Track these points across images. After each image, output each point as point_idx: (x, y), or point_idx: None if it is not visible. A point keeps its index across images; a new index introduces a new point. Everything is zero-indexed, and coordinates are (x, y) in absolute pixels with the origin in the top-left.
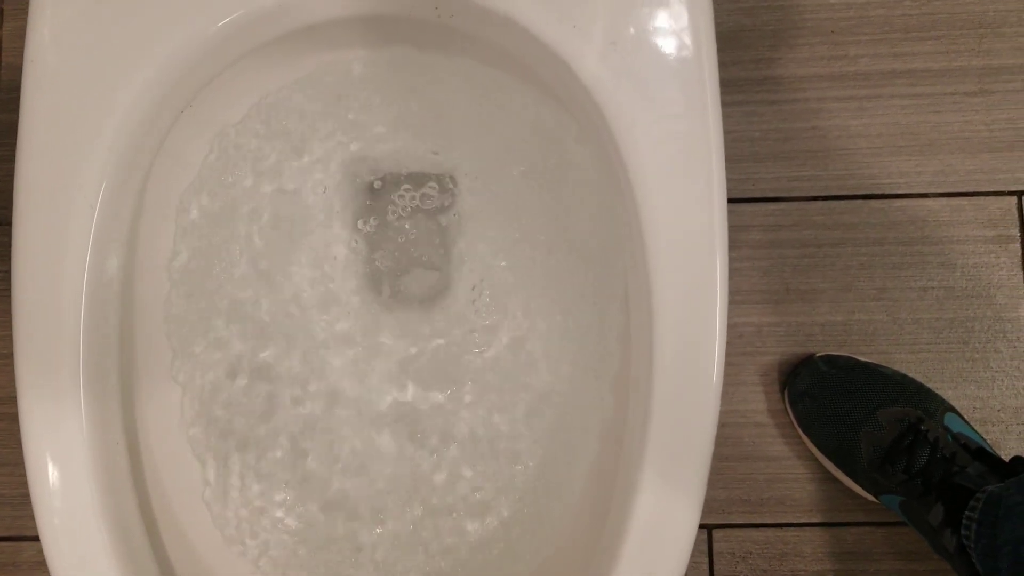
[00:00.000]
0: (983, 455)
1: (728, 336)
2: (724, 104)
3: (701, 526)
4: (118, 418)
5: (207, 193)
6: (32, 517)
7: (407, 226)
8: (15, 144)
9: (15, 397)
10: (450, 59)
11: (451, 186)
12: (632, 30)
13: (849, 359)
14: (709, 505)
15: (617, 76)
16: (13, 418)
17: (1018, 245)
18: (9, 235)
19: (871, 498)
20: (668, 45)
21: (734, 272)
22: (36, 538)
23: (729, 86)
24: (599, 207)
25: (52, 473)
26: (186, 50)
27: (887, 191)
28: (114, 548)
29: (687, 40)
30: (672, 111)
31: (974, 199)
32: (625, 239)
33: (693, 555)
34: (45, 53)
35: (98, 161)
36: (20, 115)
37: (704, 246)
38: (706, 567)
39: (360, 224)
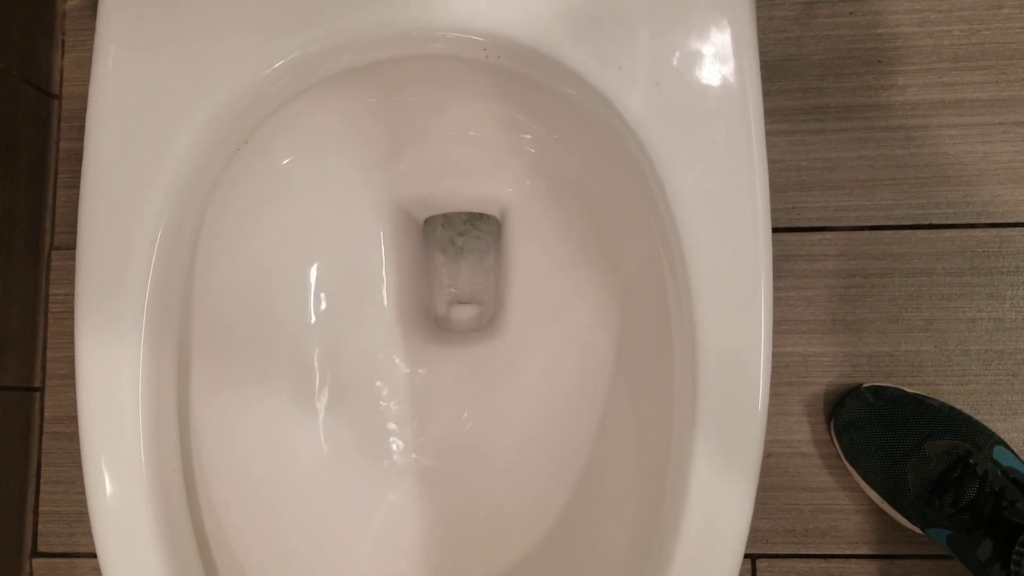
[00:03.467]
0: None
1: (774, 366)
2: (770, 133)
3: (745, 556)
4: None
5: (261, 223)
6: (86, 534)
7: (456, 262)
8: (76, 171)
9: (70, 417)
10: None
11: (502, 222)
12: (676, 69)
13: (896, 390)
14: (753, 535)
15: (661, 115)
16: (68, 437)
17: None
18: (73, 259)
19: (918, 531)
20: (712, 82)
21: (780, 302)
22: (91, 555)
23: (775, 115)
24: (646, 247)
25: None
26: (242, 89)
27: (935, 221)
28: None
29: (731, 77)
30: (716, 149)
31: (1023, 229)
32: (669, 274)
33: None
34: (108, 90)
35: (158, 196)
36: (84, 149)
37: (749, 280)
38: None
39: (408, 258)
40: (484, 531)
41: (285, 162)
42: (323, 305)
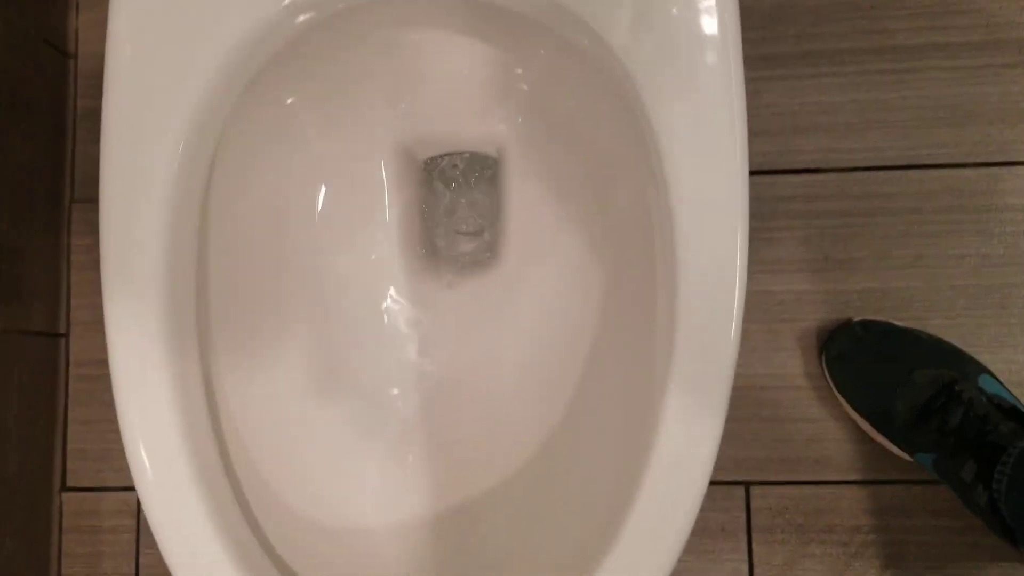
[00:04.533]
0: (1016, 414)
1: (767, 303)
2: (765, 78)
3: (739, 483)
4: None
5: (270, 159)
6: (112, 470)
7: (456, 197)
8: (93, 128)
9: (95, 361)
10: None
11: (498, 160)
12: (659, 2)
13: (885, 323)
14: (747, 464)
15: (645, 46)
16: (93, 380)
17: None
18: (93, 212)
19: (906, 457)
20: (693, 14)
21: (774, 242)
22: (117, 488)
23: (770, 61)
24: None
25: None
26: (250, 31)
27: (925, 162)
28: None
29: (712, 8)
30: (697, 78)
31: (1012, 168)
32: (654, 204)
33: (731, 510)
34: (124, 35)
35: (173, 138)
36: (104, 100)
37: (728, 209)
38: (744, 521)
39: (410, 195)
40: (483, 446)
41: (289, 101)
42: (330, 235)
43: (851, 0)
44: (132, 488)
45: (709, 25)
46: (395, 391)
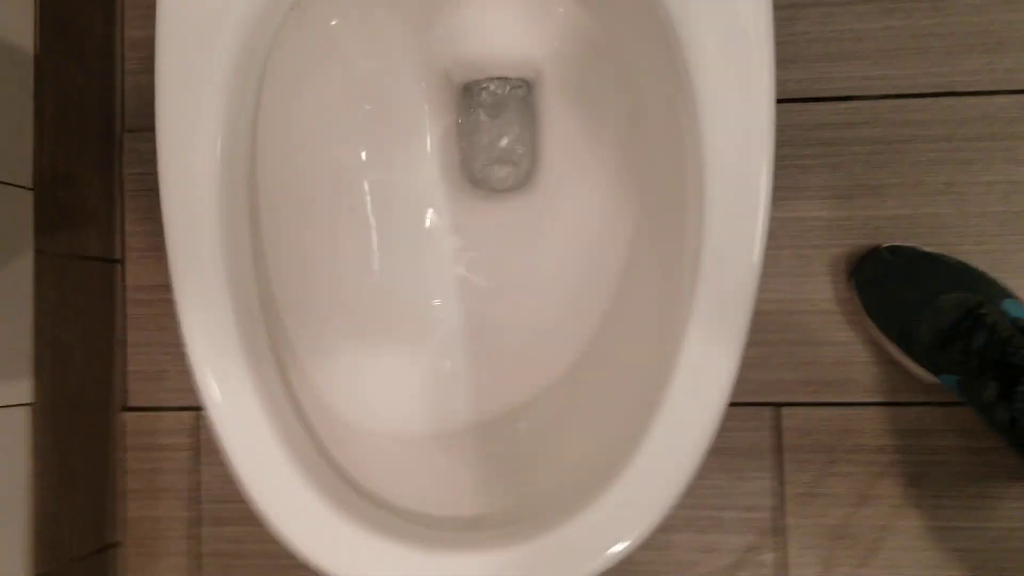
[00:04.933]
0: None
1: (799, 229)
2: (799, 5)
3: (770, 404)
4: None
5: (315, 80)
6: (168, 390)
7: (493, 123)
8: (142, 57)
9: (150, 286)
10: None
11: (535, 85)
12: None
13: (913, 249)
14: (777, 386)
15: None
16: (148, 304)
17: None
18: (144, 141)
19: (932, 379)
20: None
21: (806, 169)
22: (173, 408)
23: None
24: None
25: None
26: None
27: (958, 89)
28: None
29: None
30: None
31: None
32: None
33: (761, 430)
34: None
35: (222, 61)
36: (156, 26)
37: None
38: (773, 441)
39: (448, 118)
40: (521, 354)
41: (333, 23)
42: (374, 157)
43: None
44: (188, 408)
45: None
46: (437, 302)
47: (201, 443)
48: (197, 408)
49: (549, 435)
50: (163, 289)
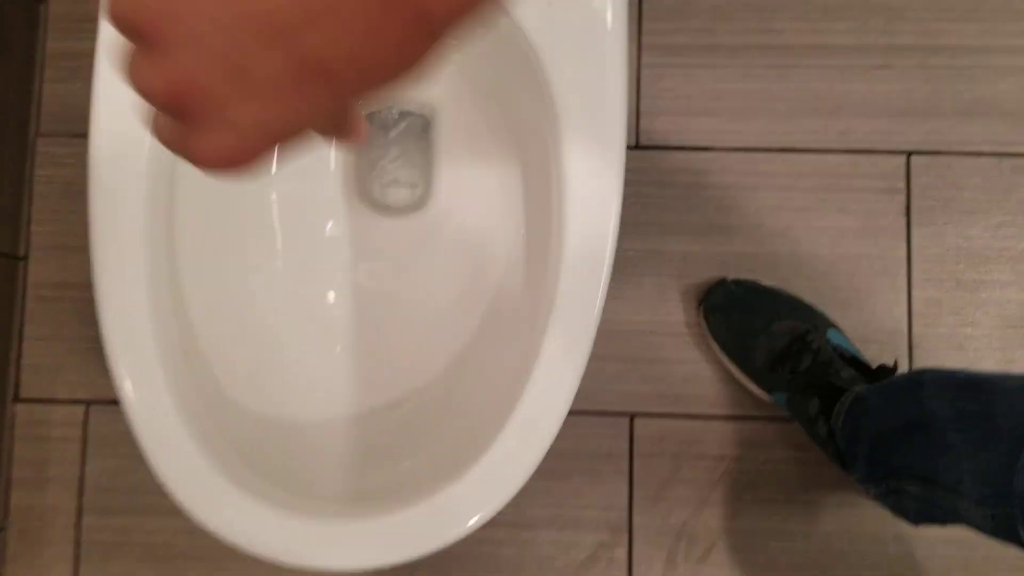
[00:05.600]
0: (855, 363)
1: (657, 261)
2: (666, 65)
3: (624, 414)
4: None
5: None
6: (63, 383)
7: (393, 150)
8: (62, 67)
9: (52, 283)
10: None
11: (431, 118)
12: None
13: (754, 282)
14: (633, 397)
15: (550, 28)
16: (49, 300)
17: (903, 196)
18: (55, 146)
19: (766, 398)
20: (590, 11)
21: (667, 207)
22: (66, 401)
23: (672, 50)
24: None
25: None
26: None
27: (798, 146)
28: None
29: (606, 9)
30: (592, 57)
31: (870, 156)
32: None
33: (617, 437)
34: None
35: None
36: (99, 43)
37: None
38: (627, 448)
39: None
40: (405, 351)
41: None
42: (282, 170)
43: (746, 2)
44: (80, 401)
45: (604, 16)
46: (333, 301)
47: (89, 436)
48: (89, 402)
49: (424, 424)
50: (65, 287)
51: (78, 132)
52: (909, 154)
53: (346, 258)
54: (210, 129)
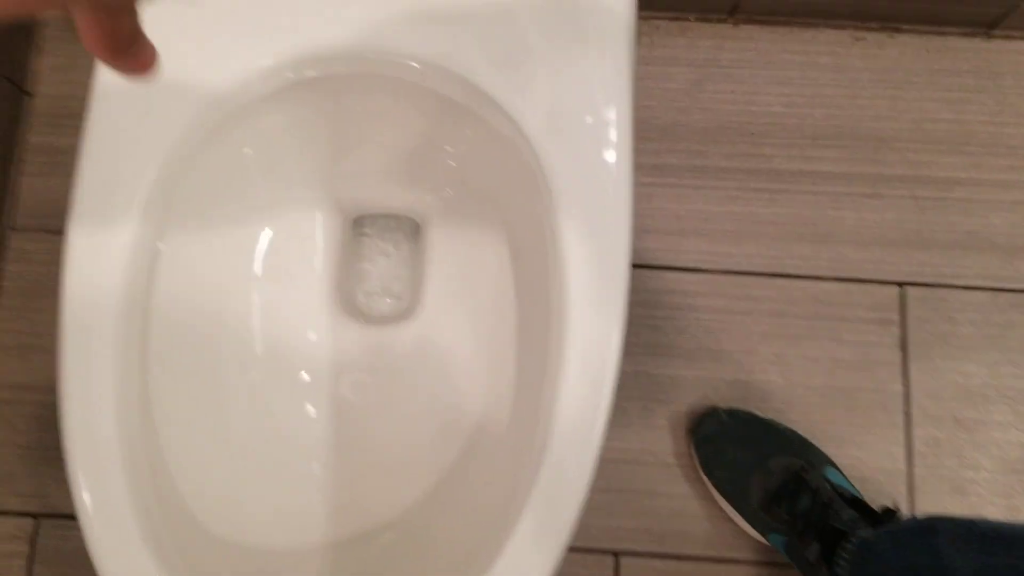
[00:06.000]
0: (857, 504)
1: (646, 384)
2: (657, 185)
3: (610, 553)
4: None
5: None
6: (14, 494)
7: (379, 257)
8: (42, 161)
9: (10, 385)
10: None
11: (422, 226)
12: (568, 103)
13: (748, 413)
14: (618, 533)
15: (554, 137)
16: (7, 403)
17: (898, 328)
18: (28, 242)
19: (761, 539)
20: (594, 114)
21: (655, 329)
22: (14, 513)
23: (663, 170)
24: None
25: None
26: (220, 89)
27: (789, 271)
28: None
29: (610, 113)
30: (595, 169)
31: (863, 285)
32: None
33: None
34: (109, 80)
35: (145, 175)
36: (83, 132)
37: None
38: None
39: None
40: (385, 474)
41: (245, 151)
42: (266, 272)
43: (736, 126)
44: (31, 514)
45: (609, 132)
46: (312, 415)
47: (37, 552)
48: (40, 515)
49: (405, 551)
50: (25, 389)
51: (53, 228)
52: (903, 285)
53: (327, 370)
54: None
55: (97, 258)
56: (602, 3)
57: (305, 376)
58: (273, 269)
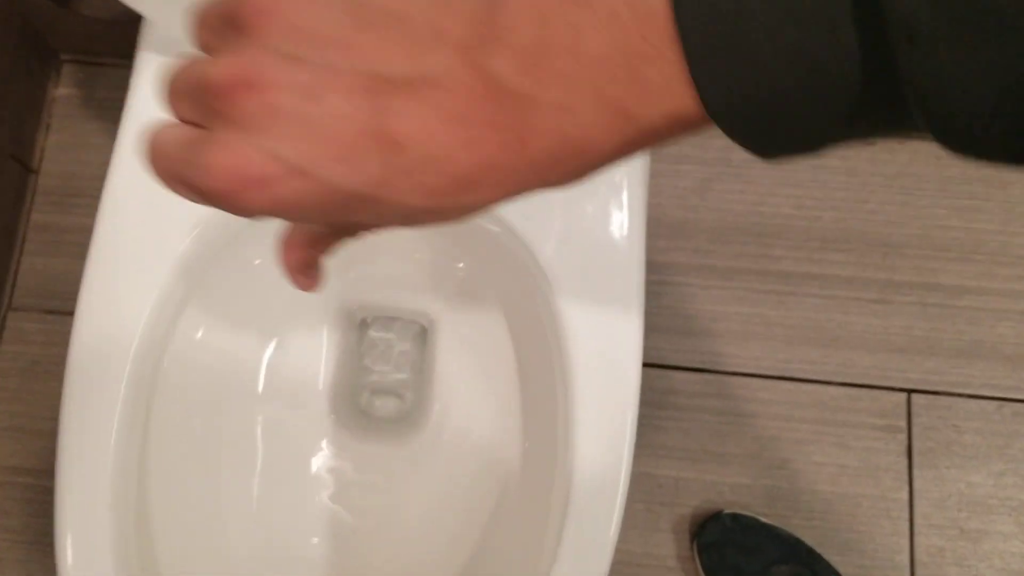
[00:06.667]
0: None
1: (650, 485)
2: (663, 283)
3: None
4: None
5: (228, 311)
6: None
7: (384, 357)
8: (43, 240)
9: (6, 467)
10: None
11: (429, 330)
12: (581, 229)
13: (752, 518)
14: None
15: (565, 260)
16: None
17: (904, 436)
18: (27, 321)
19: None
20: (607, 243)
21: (659, 430)
22: None
23: (670, 268)
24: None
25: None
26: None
27: (796, 375)
28: None
29: (623, 241)
30: (605, 293)
31: (870, 391)
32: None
33: None
34: (123, 189)
35: (152, 282)
36: (94, 232)
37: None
38: None
39: (345, 354)
40: None
41: (256, 263)
42: (269, 387)
43: (744, 227)
44: None
45: (620, 249)
46: (314, 540)
47: None
48: None
49: None
50: (18, 471)
51: (52, 309)
52: (910, 392)
53: (330, 488)
54: (239, 140)
55: (104, 341)
56: None
57: (305, 496)
58: (275, 382)
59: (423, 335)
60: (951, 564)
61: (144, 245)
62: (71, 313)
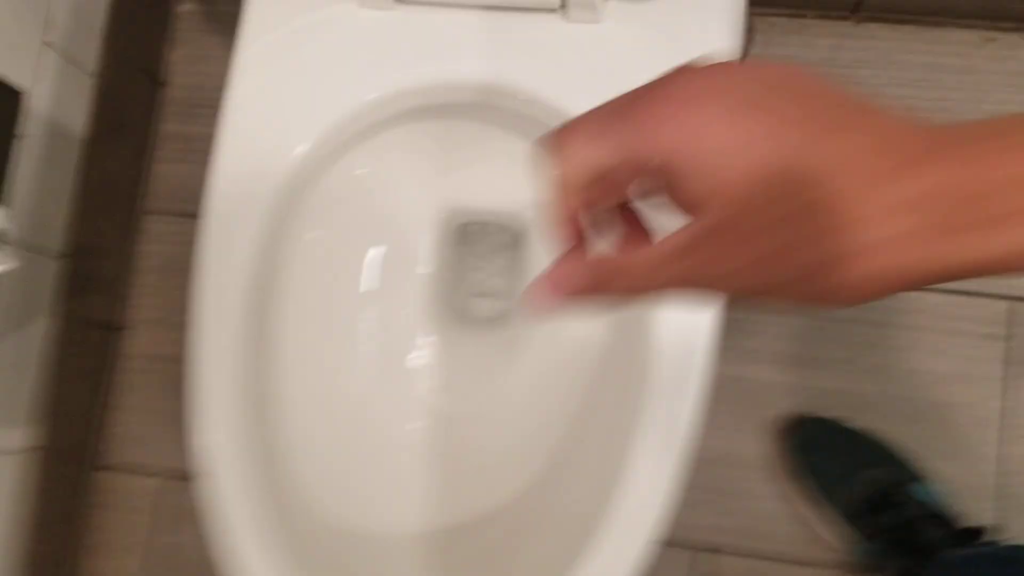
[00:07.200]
0: (941, 521)
1: (737, 387)
2: None
3: (687, 546)
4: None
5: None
6: (144, 455)
7: (481, 261)
8: (173, 149)
9: (146, 355)
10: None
11: (522, 234)
12: None
13: (840, 423)
14: (696, 529)
15: None
16: (141, 372)
17: (1002, 344)
18: (161, 223)
19: (840, 547)
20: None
21: (752, 333)
22: (143, 473)
23: None
24: None
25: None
26: (344, 114)
27: None
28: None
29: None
30: None
31: (973, 298)
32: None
33: (675, 573)
34: (242, 100)
35: (271, 187)
36: (215, 153)
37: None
38: None
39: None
40: (482, 474)
41: (361, 171)
42: (375, 280)
43: None
44: (156, 474)
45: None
46: (408, 425)
47: (161, 509)
48: (164, 474)
49: (503, 545)
50: (158, 359)
51: (184, 212)
52: (1013, 300)
53: (427, 375)
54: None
55: (228, 251)
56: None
57: (406, 382)
58: (380, 279)
59: (518, 239)
60: None
61: (264, 149)
62: (198, 216)
